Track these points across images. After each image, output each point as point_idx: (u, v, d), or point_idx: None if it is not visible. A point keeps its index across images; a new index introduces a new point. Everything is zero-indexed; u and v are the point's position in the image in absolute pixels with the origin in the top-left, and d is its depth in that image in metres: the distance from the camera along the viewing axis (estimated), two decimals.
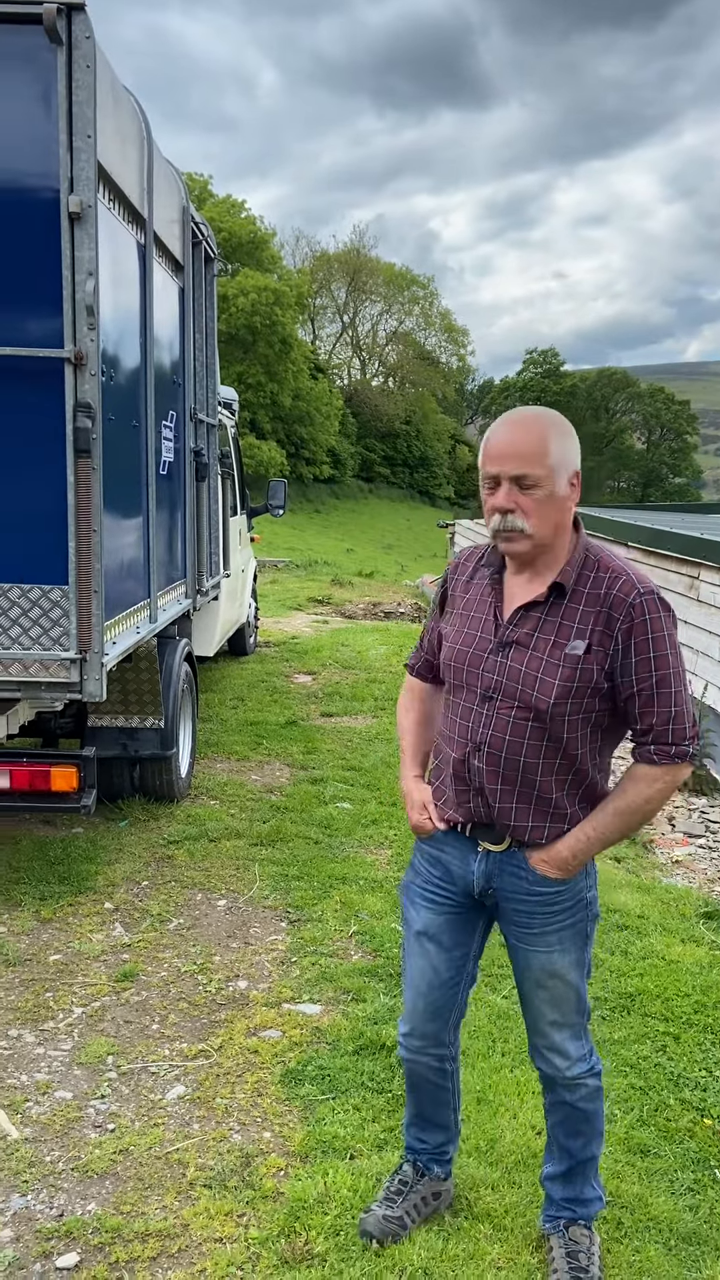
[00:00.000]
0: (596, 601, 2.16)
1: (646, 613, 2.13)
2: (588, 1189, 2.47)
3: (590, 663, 2.14)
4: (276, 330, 41.59)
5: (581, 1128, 2.43)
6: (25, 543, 3.95)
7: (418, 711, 2.56)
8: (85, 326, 3.81)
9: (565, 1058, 2.37)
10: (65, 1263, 2.47)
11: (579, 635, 2.15)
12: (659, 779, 2.18)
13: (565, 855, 2.23)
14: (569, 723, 2.18)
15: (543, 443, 2.13)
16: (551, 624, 2.19)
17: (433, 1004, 2.48)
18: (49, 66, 3.68)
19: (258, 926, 4.34)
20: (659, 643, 2.13)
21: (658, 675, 2.13)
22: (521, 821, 2.25)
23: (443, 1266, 2.45)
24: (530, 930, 2.31)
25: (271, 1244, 2.51)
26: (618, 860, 5.31)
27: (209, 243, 6.45)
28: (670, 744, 2.16)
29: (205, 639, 7.65)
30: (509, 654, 2.22)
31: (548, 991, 2.33)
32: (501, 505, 2.15)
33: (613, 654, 2.14)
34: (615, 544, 10.05)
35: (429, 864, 2.44)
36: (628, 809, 2.20)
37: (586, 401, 73.15)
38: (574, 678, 2.15)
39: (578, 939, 2.31)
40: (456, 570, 2.44)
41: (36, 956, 3.99)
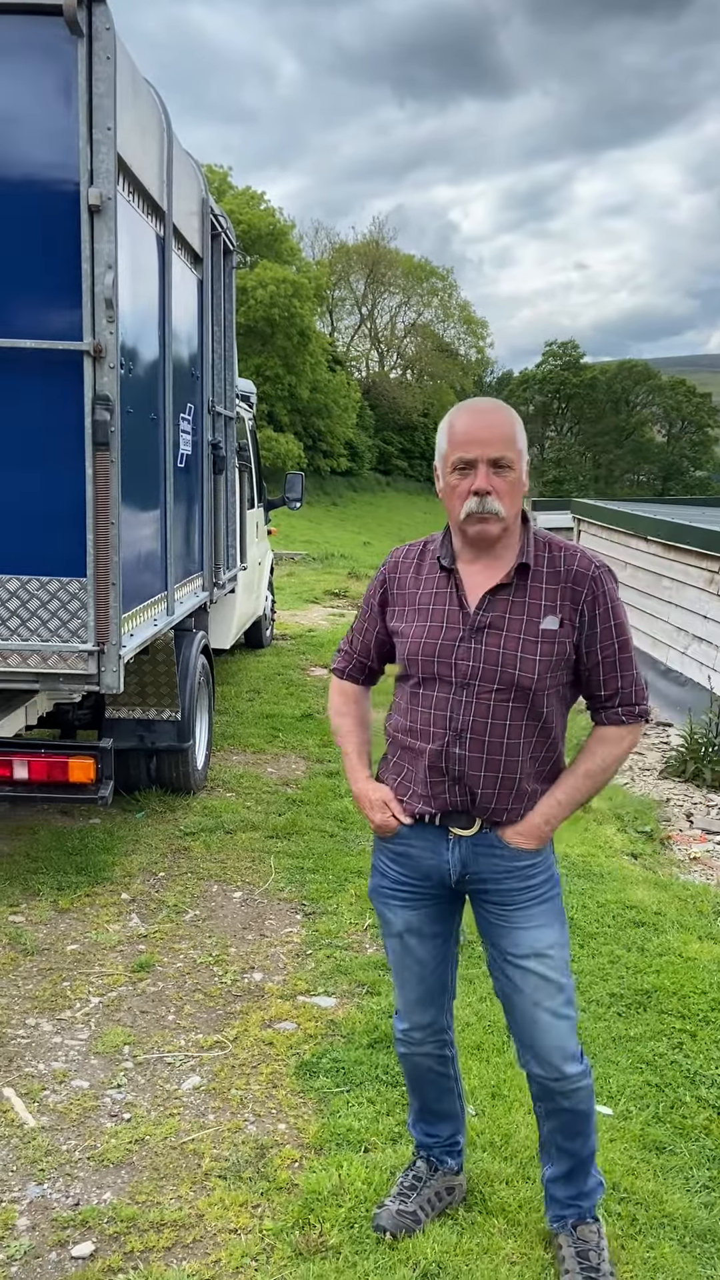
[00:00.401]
0: (558, 578, 2.26)
1: (604, 584, 2.27)
2: (589, 1180, 2.48)
3: (563, 637, 2.25)
4: (295, 322, 41.52)
5: (581, 1128, 2.42)
6: (44, 535, 3.96)
7: (354, 714, 2.58)
8: (104, 319, 3.82)
9: (565, 1055, 2.34)
10: (80, 1251, 2.49)
11: (549, 611, 2.25)
12: (625, 737, 2.32)
13: (539, 823, 2.30)
14: (547, 697, 2.27)
15: (511, 427, 2.23)
16: (520, 604, 2.26)
17: (426, 992, 2.50)
18: (69, 58, 3.68)
19: (273, 919, 4.35)
20: (617, 612, 2.28)
21: (619, 642, 2.27)
22: (501, 804, 2.30)
23: (456, 1260, 2.46)
24: (514, 907, 2.33)
25: (286, 1235, 2.52)
26: (635, 856, 5.30)
27: (228, 235, 6.44)
28: (634, 704, 2.31)
29: (222, 632, 7.67)
30: (483, 638, 2.26)
31: (538, 975, 2.32)
32: (482, 487, 2.20)
33: (579, 626, 2.25)
34: (634, 538, 10.01)
35: (395, 862, 2.43)
36: (598, 769, 2.31)
37: (606, 394, 72.73)
38: (551, 652, 2.24)
39: (557, 911, 2.37)
40: (397, 568, 2.44)
41: (54, 946, 4.02)
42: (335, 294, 60.31)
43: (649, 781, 6.84)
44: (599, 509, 11.67)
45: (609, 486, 67.03)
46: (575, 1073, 2.36)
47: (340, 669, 2.60)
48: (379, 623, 2.47)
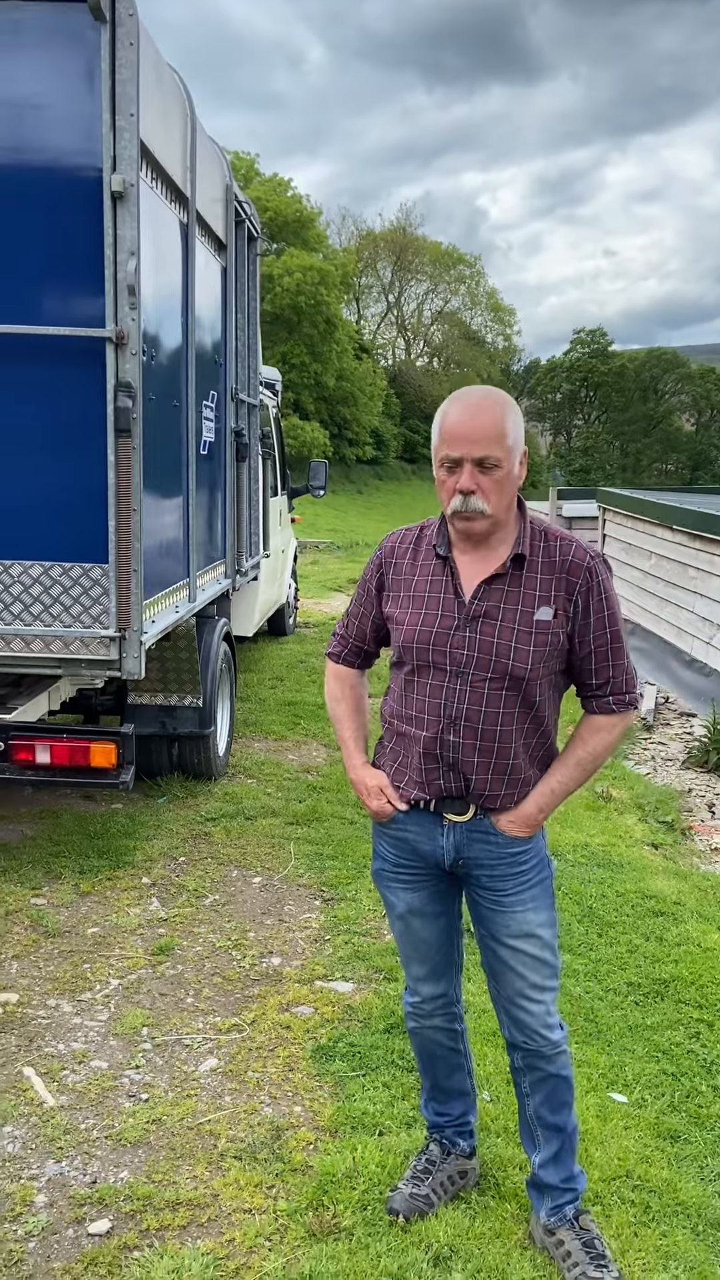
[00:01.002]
0: (553, 569, 2.26)
1: (599, 575, 2.27)
2: (573, 1163, 2.49)
3: (557, 627, 2.25)
4: (321, 310, 41.44)
5: (565, 1096, 2.46)
6: (66, 522, 3.99)
7: (349, 699, 2.58)
8: (127, 306, 3.83)
9: (546, 1023, 2.39)
10: (97, 1229, 2.52)
11: (544, 602, 2.25)
12: (615, 727, 2.33)
13: (532, 812, 2.32)
14: (540, 686, 2.28)
15: (501, 424, 2.19)
16: (515, 594, 2.26)
17: (433, 969, 2.54)
18: (92, 44, 3.69)
19: (292, 904, 4.37)
20: (611, 602, 2.28)
21: (611, 632, 2.28)
22: (495, 790, 2.31)
23: (469, 1244, 2.47)
24: (505, 893, 2.35)
25: (299, 1216, 2.55)
26: (655, 846, 5.28)
27: (252, 221, 6.44)
28: (625, 692, 2.32)
29: (244, 619, 7.69)
30: (478, 628, 2.26)
31: (527, 955, 2.36)
32: (465, 487, 2.19)
33: (573, 616, 2.26)
34: (660, 527, 9.93)
35: (393, 847, 2.46)
36: (590, 757, 2.33)
37: (635, 382, 72.11)
38: (545, 643, 2.25)
39: (547, 894, 2.39)
40: (393, 553, 2.44)
41: (75, 929, 4.06)
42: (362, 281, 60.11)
43: (671, 772, 6.81)
44: (625, 498, 11.58)
45: (636, 476, 66.49)
46: (558, 1038, 2.42)
47: (335, 653, 2.61)
48: (375, 607, 2.47)
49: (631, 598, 10.64)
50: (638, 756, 7.14)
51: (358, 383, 46.20)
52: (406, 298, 63.62)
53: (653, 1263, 2.46)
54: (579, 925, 4.19)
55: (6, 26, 3.72)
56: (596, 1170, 2.74)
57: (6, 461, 3.97)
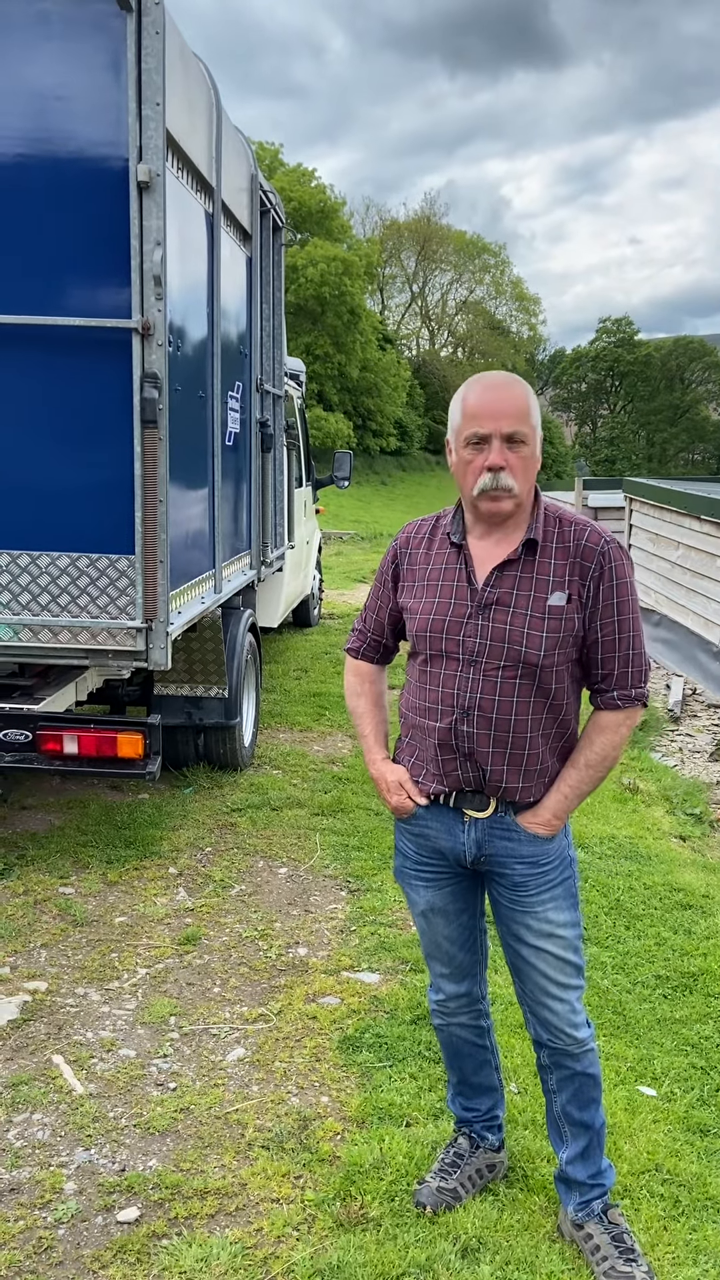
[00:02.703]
0: (567, 554, 2.22)
1: (613, 560, 2.22)
2: (602, 1158, 2.48)
3: (571, 612, 2.22)
4: (345, 301, 41.34)
5: (593, 1094, 2.44)
6: (93, 513, 4.00)
7: (369, 694, 2.56)
8: (153, 296, 3.83)
9: (572, 1022, 2.38)
10: (126, 1216, 2.53)
11: (557, 587, 2.21)
12: (623, 723, 2.27)
13: (548, 817, 2.29)
14: (556, 673, 2.24)
15: (525, 402, 2.19)
16: (528, 579, 2.23)
17: (457, 968, 2.53)
18: (118, 34, 3.68)
19: (318, 895, 4.38)
20: (623, 589, 2.22)
21: (620, 620, 2.23)
22: (513, 783, 2.28)
23: (496, 1236, 2.46)
24: (526, 891, 2.32)
25: (327, 1206, 2.55)
26: (683, 839, 5.24)
27: (277, 211, 6.42)
28: (630, 687, 2.26)
29: (269, 610, 7.69)
30: (491, 615, 2.23)
31: (550, 955, 2.34)
32: (496, 463, 2.17)
33: (586, 602, 2.22)
34: (687, 517, 9.85)
35: (414, 843, 2.44)
36: (598, 760, 2.28)
37: (661, 371, 71.52)
38: (559, 628, 2.21)
39: (570, 894, 2.36)
40: (409, 543, 2.42)
41: (103, 918, 4.08)
42: (386, 271, 59.92)
43: (699, 764, 6.76)
44: (651, 488, 11.49)
45: (662, 465, 65.99)
46: (584, 1036, 2.39)
47: (354, 648, 2.58)
48: (391, 598, 2.46)
49: (658, 588, 10.56)
50: (665, 748, 7.09)
51: (382, 373, 46.09)
52: (431, 287, 63.34)
53: (682, 1257, 2.44)
54: (606, 918, 4.17)
55: (33, 17, 3.71)
56: (625, 1164, 2.72)
57: (34, 453, 3.99)
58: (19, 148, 3.81)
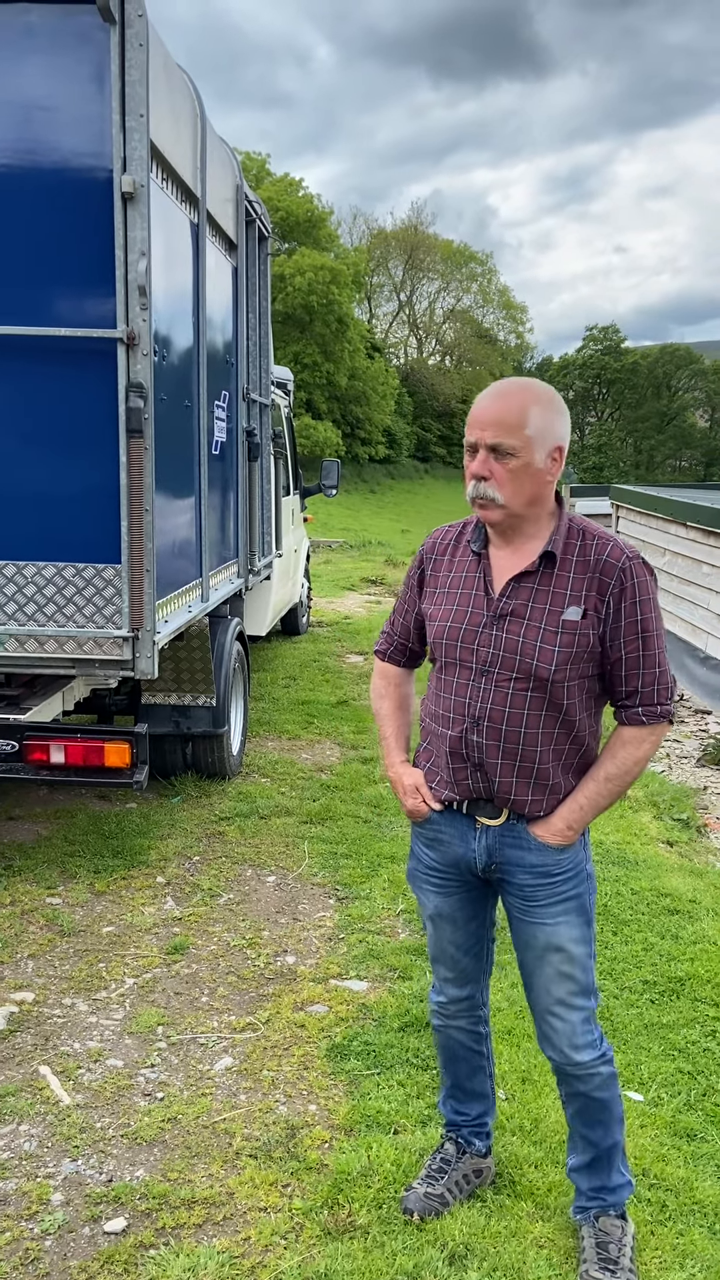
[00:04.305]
0: (587, 568, 2.19)
1: (635, 577, 2.18)
2: (614, 1176, 2.44)
3: (586, 628, 2.18)
4: (333, 309, 41.46)
5: (600, 1116, 2.40)
6: (79, 522, 4.00)
7: (394, 697, 2.57)
8: (138, 306, 3.84)
9: (573, 1043, 2.34)
10: (113, 1227, 2.53)
11: (573, 601, 2.18)
12: (646, 739, 2.23)
13: (561, 827, 2.26)
14: (568, 689, 2.21)
15: (522, 414, 2.13)
16: (545, 592, 2.20)
17: (461, 973, 2.52)
18: (102, 46, 3.69)
19: (306, 903, 4.37)
20: (645, 606, 2.18)
21: (644, 637, 2.19)
22: (522, 795, 2.27)
23: (484, 1243, 2.46)
24: (535, 903, 2.31)
25: (315, 1215, 2.55)
26: (670, 844, 5.26)
27: (263, 221, 6.44)
28: (656, 704, 2.22)
29: (257, 618, 7.70)
30: (505, 625, 2.23)
31: (553, 968, 2.32)
32: (476, 472, 2.18)
33: (605, 618, 2.18)
34: (673, 524, 9.89)
35: (428, 848, 2.45)
36: (619, 774, 2.24)
37: (648, 379, 71.86)
38: (573, 644, 2.18)
39: (582, 910, 2.32)
40: (434, 549, 2.43)
41: (90, 928, 4.07)
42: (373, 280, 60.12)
43: (686, 769, 6.78)
44: (637, 494, 11.54)
45: (650, 472, 66.23)
46: (587, 1059, 2.35)
47: (382, 650, 2.60)
48: (416, 603, 2.46)
49: None
50: None
51: (370, 382, 46.22)
52: (418, 296, 63.58)
53: (669, 1261, 2.45)
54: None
55: (16, 28, 3.73)
56: None
57: (19, 462, 3.99)
58: (3, 159, 3.81)
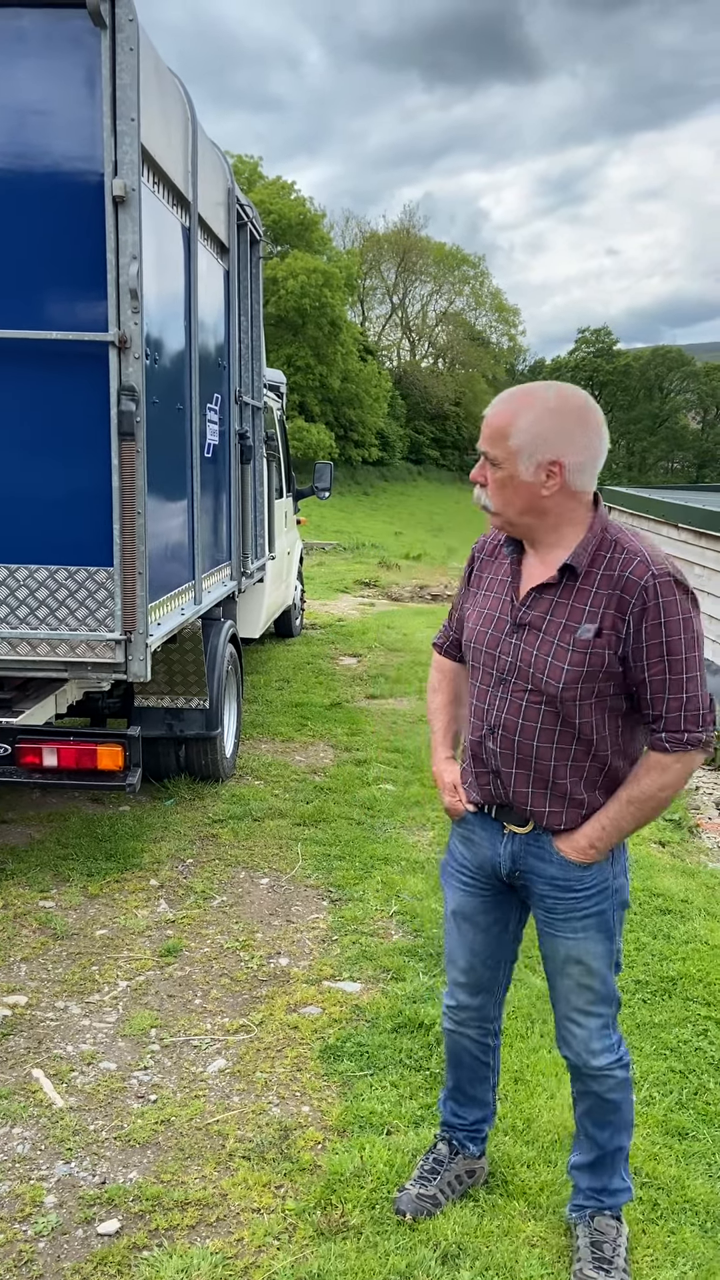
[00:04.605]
0: (609, 583, 2.09)
1: (660, 596, 2.05)
2: (615, 1180, 2.45)
3: (600, 646, 2.09)
4: (326, 312, 41.49)
5: (609, 1118, 2.40)
6: (71, 525, 4.00)
7: (446, 691, 2.56)
8: (129, 310, 3.84)
9: (590, 1048, 2.34)
10: (106, 1229, 2.53)
11: (590, 618, 2.10)
12: (670, 767, 2.13)
13: (584, 845, 2.21)
14: (581, 707, 2.14)
15: (509, 423, 2.09)
16: (563, 606, 2.14)
17: (475, 980, 2.51)
18: (92, 50, 3.70)
19: (299, 905, 4.38)
20: (672, 627, 2.06)
21: (669, 660, 2.07)
22: (539, 806, 2.24)
23: (476, 1242, 2.47)
24: (556, 914, 2.29)
25: (308, 1215, 2.55)
26: (662, 845, 5.27)
27: (254, 224, 6.45)
28: (682, 730, 2.10)
29: (250, 621, 7.70)
30: (523, 636, 2.19)
31: (573, 979, 2.32)
32: (474, 478, 2.19)
33: (625, 638, 2.08)
34: (665, 525, 9.92)
35: (462, 846, 2.46)
36: (641, 797, 2.15)
37: (640, 381, 72.05)
38: (584, 662, 2.10)
39: (604, 926, 2.28)
40: (483, 549, 2.42)
41: (83, 931, 4.08)
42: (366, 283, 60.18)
43: None
44: (630, 496, 11.58)
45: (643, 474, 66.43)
46: (602, 1064, 2.34)
47: (439, 644, 2.61)
48: (463, 601, 2.47)
49: None
50: None
51: (363, 384, 46.26)
52: (411, 299, 63.66)
53: (661, 1259, 2.46)
54: None
55: (7, 33, 3.73)
56: None
57: (11, 466, 3.99)
58: None
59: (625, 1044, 2.43)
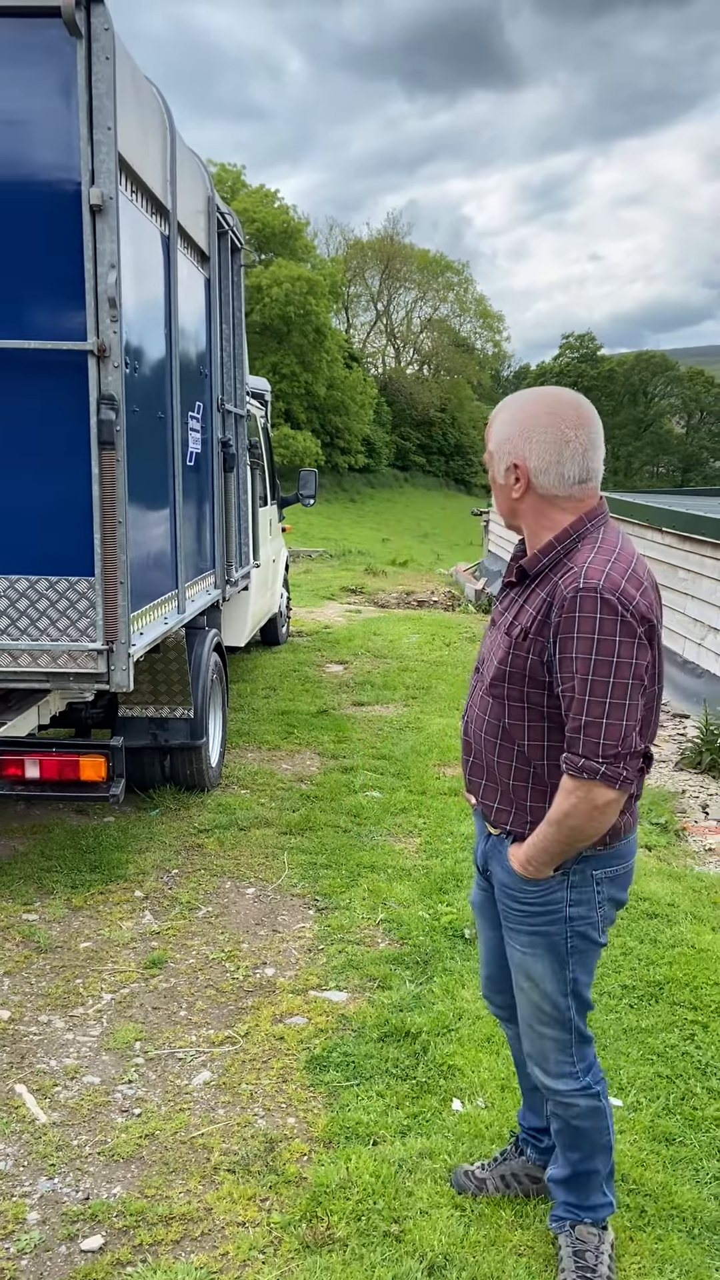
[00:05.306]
0: (547, 590, 2.08)
1: (576, 610, 1.97)
2: (594, 1196, 2.41)
3: (526, 649, 2.09)
4: (310, 320, 41.55)
5: (576, 1143, 2.37)
6: (51, 535, 3.98)
7: None
8: (108, 319, 3.83)
9: (545, 1069, 2.34)
10: (90, 1245, 2.50)
11: (526, 620, 2.11)
12: (571, 793, 2.02)
13: (521, 856, 2.18)
14: (510, 708, 2.16)
15: (489, 428, 2.18)
16: (516, 605, 2.19)
17: (489, 978, 2.56)
18: (68, 59, 3.69)
19: (286, 914, 4.36)
20: (584, 645, 1.96)
21: (577, 679, 1.98)
22: (489, 801, 2.29)
23: (463, 1252, 2.46)
24: (509, 922, 2.32)
25: (293, 1228, 2.53)
26: (649, 849, 5.27)
27: (235, 233, 6.45)
28: (579, 755, 1.99)
29: (235, 629, 7.68)
30: (490, 630, 2.30)
31: (525, 993, 2.32)
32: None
33: (547, 647, 2.06)
34: (649, 529, 9.95)
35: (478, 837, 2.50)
36: (554, 819, 2.07)
37: (624, 386, 72.34)
38: (509, 661, 2.13)
39: (553, 950, 2.23)
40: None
41: (67, 944, 4.04)
42: (350, 290, 60.30)
43: (664, 773, 6.80)
44: (614, 501, 11.61)
45: (628, 479, 66.69)
46: (561, 1089, 2.32)
47: None
48: None
49: None
50: None
51: (348, 391, 46.33)
52: (395, 306, 63.82)
53: (648, 1267, 2.44)
54: None
55: None
56: None
57: None
58: None
59: (596, 1074, 2.35)
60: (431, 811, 5.56)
